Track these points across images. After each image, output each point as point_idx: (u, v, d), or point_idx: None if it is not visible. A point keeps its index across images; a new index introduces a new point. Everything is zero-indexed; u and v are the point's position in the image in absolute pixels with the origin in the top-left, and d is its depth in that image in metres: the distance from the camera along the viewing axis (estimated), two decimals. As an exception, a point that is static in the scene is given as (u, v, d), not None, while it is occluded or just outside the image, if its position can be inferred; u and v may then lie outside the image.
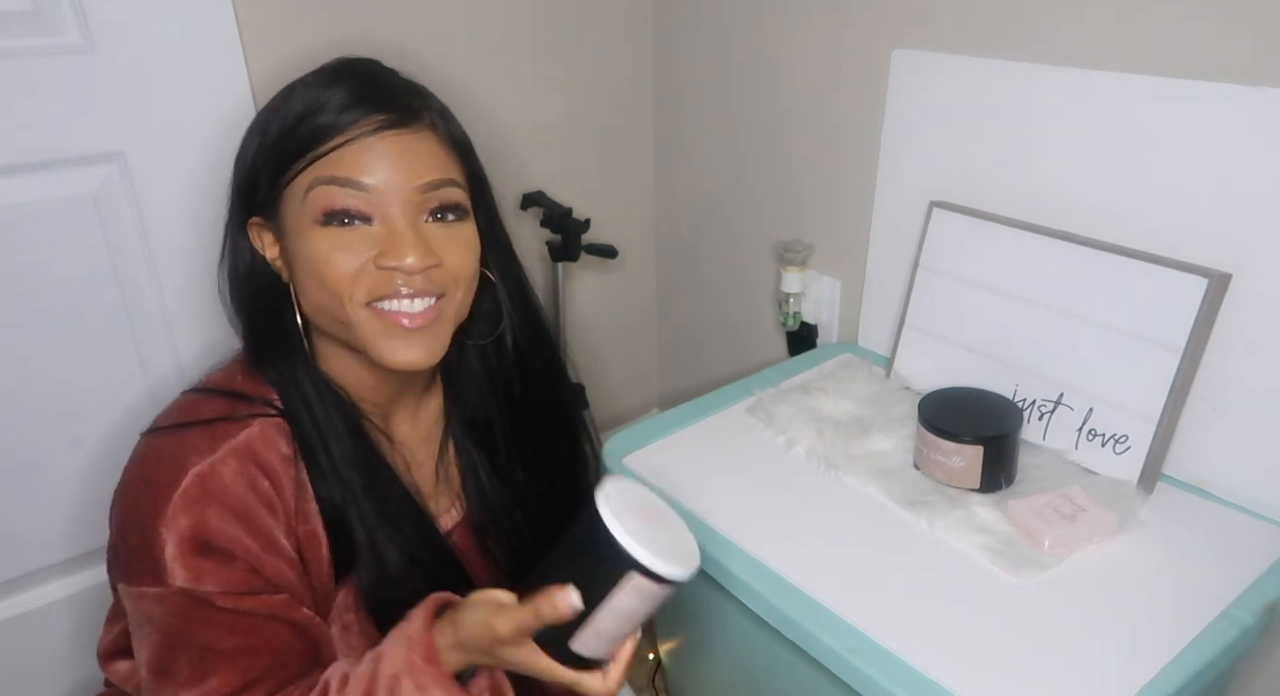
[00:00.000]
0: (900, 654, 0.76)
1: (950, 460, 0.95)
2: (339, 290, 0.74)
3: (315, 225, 0.73)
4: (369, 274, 0.74)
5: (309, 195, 0.73)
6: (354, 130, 0.73)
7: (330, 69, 0.78)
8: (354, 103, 0.74)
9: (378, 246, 0.74)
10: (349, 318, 0.75)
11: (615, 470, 1.05)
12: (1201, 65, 0.90)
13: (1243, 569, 0.85)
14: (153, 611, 0.71)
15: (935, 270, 1.15)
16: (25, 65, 1.05)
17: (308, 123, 0.74)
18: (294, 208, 0.75)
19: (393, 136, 0.74)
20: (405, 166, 0.74)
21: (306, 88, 0.76)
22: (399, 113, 0.75)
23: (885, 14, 1.21)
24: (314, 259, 0.74)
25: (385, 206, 0.74)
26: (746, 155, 1.56)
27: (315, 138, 0.73)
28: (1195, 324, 0.90)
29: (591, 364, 1.92)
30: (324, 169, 0.73)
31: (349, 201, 0.73)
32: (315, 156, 0.73)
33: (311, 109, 0.74)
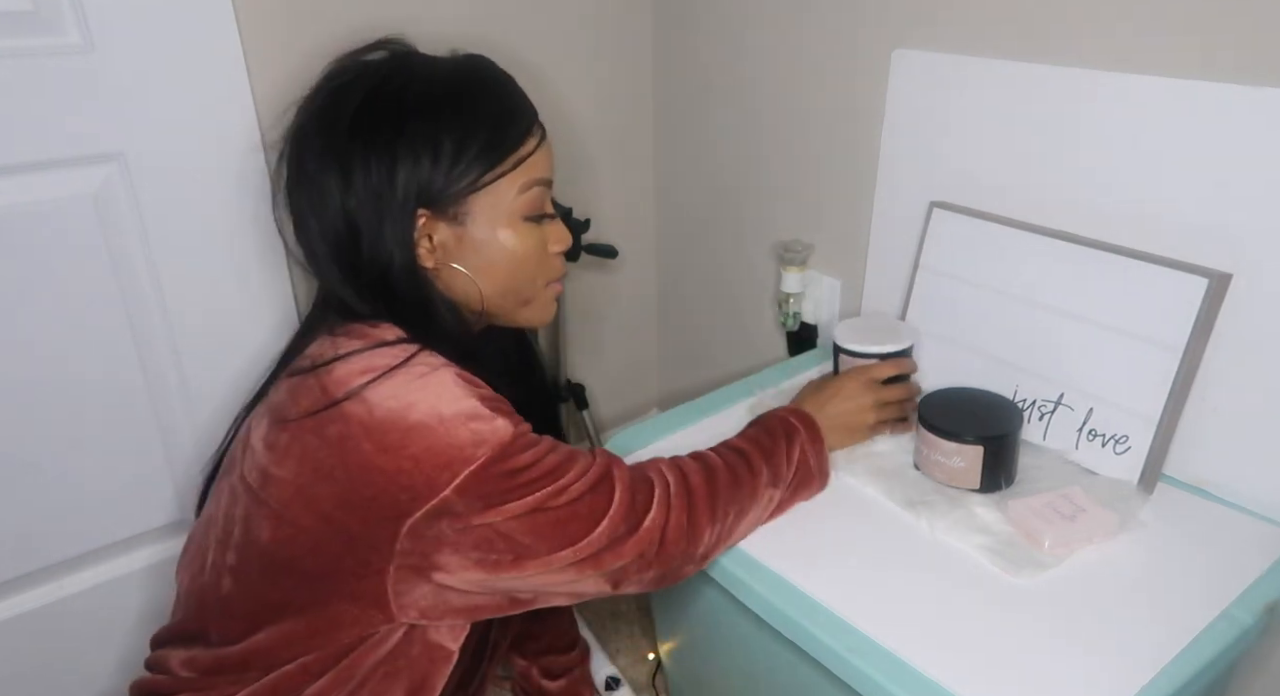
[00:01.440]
0: (900, 654, 0.76)
1: (950, 460, 0.95)
2: (537, 275, 0.88)
3: (522, 221, 0.85)
4: (550, 259, 0.89)
5: (523, 196, 0.84)
6: (538, 135, 0.86)
7: (487, 72, 0.88)
8: (529, 110, 0.86)
9: (547, 232, 0.89)
10: (533, 295, 0.89)
11: (615, 470, 1.05)
12: (1201, 65, 0.90)
13: (1243, 569, 0.85)
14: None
15: (935, 270, 1.15)
16: (25, 65, 1.05)
17: (512, 128, 0.83)
18: (496, 203, 0.83)
19: (547, 137, 0.88)
20: (552, 159, 0.89)
21: (485, 93, 0.84)
22: (537, 115, 0.88)
23: (885, 14, 1.21)
24: (521, 249, 0.85)
25: (549, 201, 0.89)
26: (746, 155, 1.56)
27: (520, 141, 0.84)
28: (1195, 324, 0.90)
29: (591, 364, 1.92)
30: (534, 171, 0.85)
31: (549, 200, 0.88)
32: (521, 158, 0.83)
33: (508, 115, 0.84)
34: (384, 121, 0.81)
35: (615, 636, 1.66)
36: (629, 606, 1.72)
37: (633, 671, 1.58)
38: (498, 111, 0.83)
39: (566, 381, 1.70)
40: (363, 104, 0.82)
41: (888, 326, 1.08)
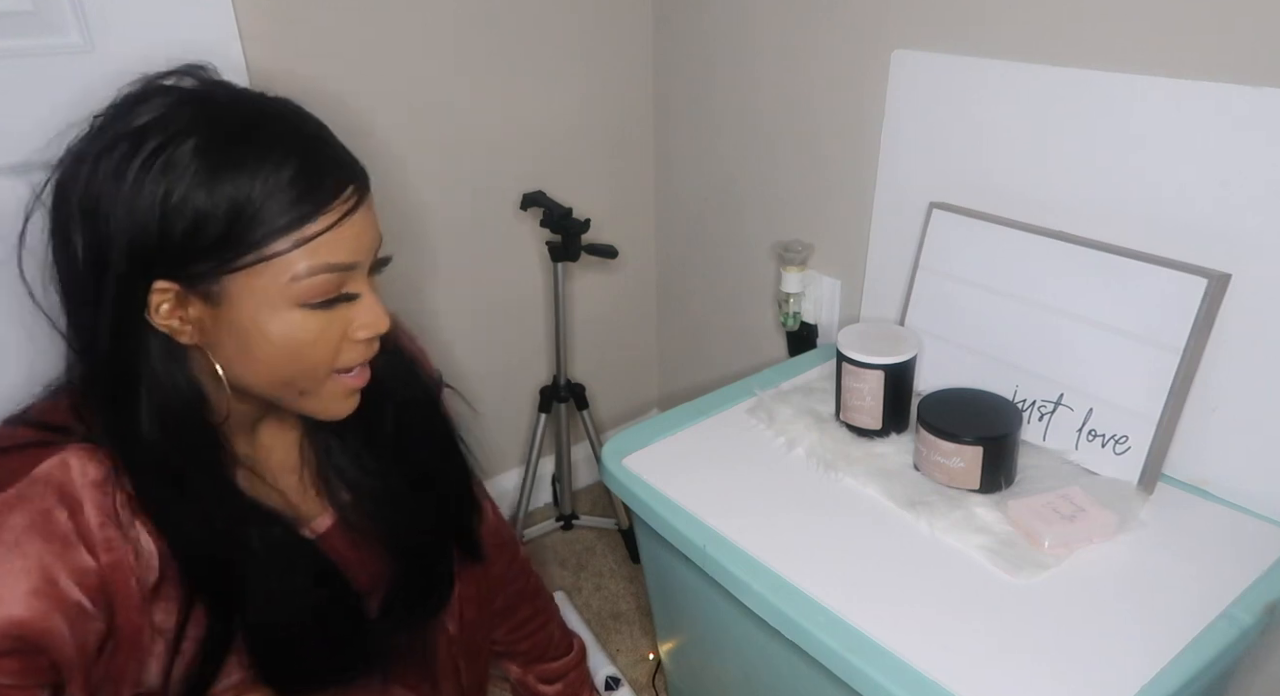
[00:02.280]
0: (900, 654, 0.76)
1: (950, 461, 0.95)
2: (318, 365, 0.71)
3: (299, 308, 0.68)
4: (346, 347, 0.73)
5: (302, 283, 0.67)
6: (339, 206, 0.68)
7: (270, 129, 0.67)
8: (329, 173, 0.68)
9: (350, 318, 0.72)
10: (313, 387, 0.73)
11: (615, 470, 1.05)
12: (1201, 65, 0.90)
13: (1243, 569, 0.85)
14: None
15: (935, 271, 1.15)
16: (25, 65, 1.05)
17: (293, 203, 0.65)
18: (261, 286, 0.67)
19: (365, 206, 0.70)
20: (372, 235, 0.72)
21: (257, 156, 0.65)
22: (360, 178, 0.71)
23: (885, 14, 1.21)
24: (294, 339, 0.69)
25: (357, 278, 0.71)
26: (746, 155, 1.56)
27: (303, 219, 0.66)
28: (1195, 324, 0.91)
29: (591, 364, 1.92)
30: (319, 255, 0.67)
31: (344, 285, 0.70)
32: (303, 239, 0.66)
33: (287, 184, 0.65)
34: (138, 172, 0.64)
35: (615, 636, 1.66)
36: (629, 606, 1.73)
37: (633, 671, 1.58)
38: (278, 181, 0.65)
39: (566, 381, 1.70)
40: (130, 146, 0.65)
41: (891, 335, 1.08)
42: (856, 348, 1.05)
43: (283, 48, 1.32)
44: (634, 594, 1.77)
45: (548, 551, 1.89)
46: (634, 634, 1.67)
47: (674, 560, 1.03)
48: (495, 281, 1.72)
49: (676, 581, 1.10)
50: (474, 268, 1.68)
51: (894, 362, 1.03)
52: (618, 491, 1.05)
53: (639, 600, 1.74)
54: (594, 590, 1.78)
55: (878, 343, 1.06)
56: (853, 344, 1.06)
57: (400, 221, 1.56)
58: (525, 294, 1.77)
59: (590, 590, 1.78)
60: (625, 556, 1.86)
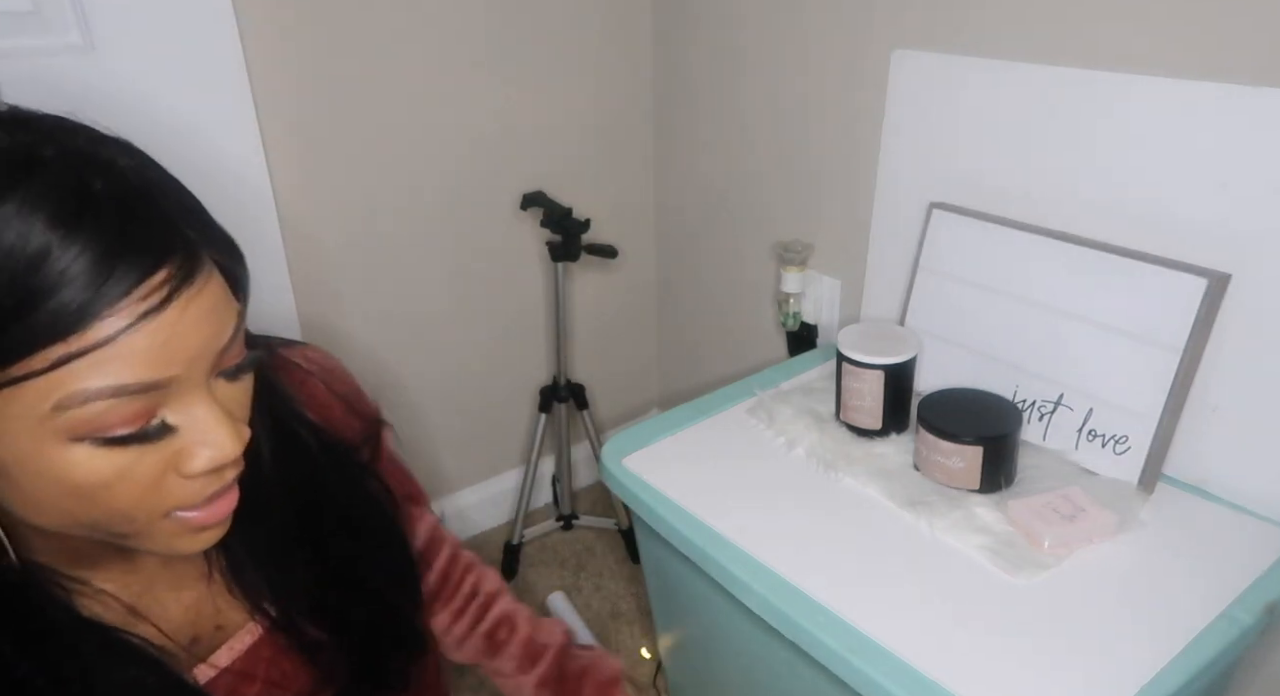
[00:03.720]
0: (900, 654, 0.76)
1: (950, 461, 0.95)
2: (131, 510, 0.49)
3: (72, 442, 0.46)
4: (170, 486, 0.50)
5: (70, 414, 0.44)
6: (130, 305, 0.44)
7: (34, 179, 0.43)
8: (120, 258, 0.43)
9: (175, 445, 0.49)
10: (136, 531, 0.51)
11: (615, 471, 1.05)
12: (1201, 65, 0.90)
13: (1243, 569, 0.85)
14: None
15: (935, 271, 1.15)
16: (25, 65, 1.05)
17: (43, 303, 0.42)
18: (12, 415, 0.44)
19: (183, 299, 0.46)
20: (201, 334, 0.48)
21: (13, 229, 0.42)
22: (181, 258, 0.46)
23: (885, 14, 1.21)
24: (80, 483, 0.47)
25: (183, 394, 0.48)
26: (746, 155, 1.56)
27: (64, 327, 0.42)
28: (1195, 324, 0.91)
29: (591, 364, 1.92)
30: (99, 373, 0.44)
31: (155, 410, 0.47)
32: (69, 354, 0.43)
33: (39, 276, 0.42)
34: None
35: (615, 636, 1.66)
36: (629, 606, 1.73)
37: (633, 671, 1.58)
38: (25, 258, 0.42)
39: (566, 381, 1.70)
40: None
41: (891, 335, 1.08)
42: (856, 348, 1.05)
43: (283, 48, 1.32)
44: (634, 594, 1.77)
45: (548, 551, 1.89)
46: (634, 634, 1.67)
47: (674, 560, 1.03)
48: (495, 281, 1.72)
49: (676, 581, 1.10)
50: (474, 268, 1.68)
51: (894, 362, 1.03)
52: (618, 491, 1.05)
53: (639, 600, 1.74)
54: (594, 590, 1.78)
55: (878, 342, 1.06)
56: (853, 344, 1.06)
57: (400, 222, 1.56)
58: (525, 294, 1.77)
59: (590, 590, 1.78)
60: (625, 556, 1.86)
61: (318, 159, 1.43)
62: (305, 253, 1.46)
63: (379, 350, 1.63)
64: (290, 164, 1.39)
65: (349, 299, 1.56)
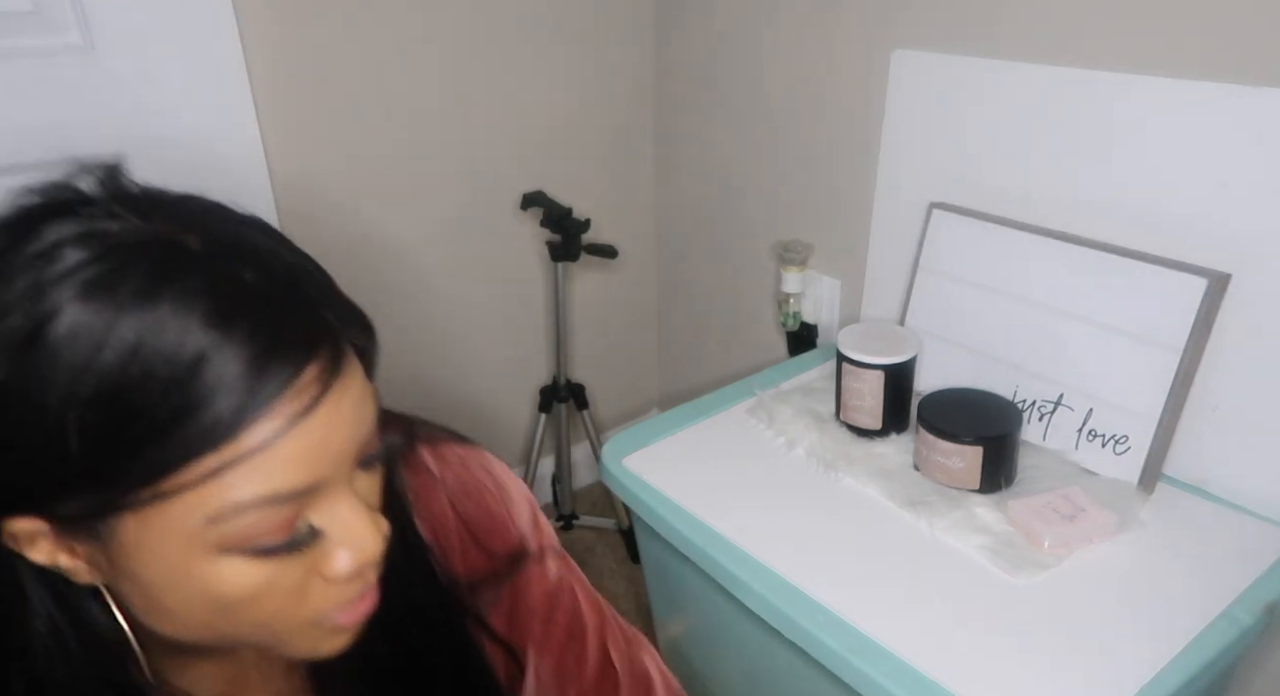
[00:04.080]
0: (900, 654, 0.76)
1: (950, 461, 0.95)
2: (274, 620, 0.48)
3: (222, 554, 0.44)
4: (314, 591, 0.48)
5: (223, 526, 0.42)
6: (283, 406, 0.42)
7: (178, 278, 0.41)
8: (273, 356, 0.41)
9: (320, 548, 0.47)
10: (276, 639, 0.50)
11: (615, 471, 1.05)
12: (1201, 65, 0.90)
13: (1243, 569, 0.85)
14: None
15: (935, 271, 1.15)
16: (25, 65, 1.05)
17: (200, 412, 0.40)
18: (161, 530, 0.43)
19: (333, 394, 0.44)
20: (349, 429, 0.46)
21: (152, 333, 0.39)
22: (329, 350, 0.44)
23: (885, 14, 1.21)
24: (226, 596, 0.45)
25: (328, 493, 0.46)
26: (746, 155, 1.56)
27: (219, 436, 0.41)
28: (1195, 324, 0.91)
29: (591, 364, 1.92)
30: (252, 483, 0.42)
31: (289, 520, 0.45)
32: (222, 464, 0.41)
33: (197, 383, 0.40)
34: None
35: (615, 636, 1.66)
36: (629, 606, 1.73)
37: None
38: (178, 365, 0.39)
39: (566, 381, 1.70)
40: None
41: (891, 335, 1.08)
42: (856, 348, 1.05)
43: (283, 48, 1.32)
44: (634, 594, 1.77)
45: (548, 551, 1.89)
46: (634, 634, 1.67)
47: (674, 560, 1.03)
48: (495, 281, 1.72)
49: (676, 581, 1.10)
50: (474, 267, 1.68)
51: (894, 362, 1.03)
52: (618, 491, 1.05)
53: (639, 600, 1.74)
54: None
55: (878, 342, 1.06)
56: (853, 344, 1.06)
57: (400, 222, 1.56)
58: (525, 294, 1.77)
59: (590, 590, 1.78)
60: (625, 556, 1.86)
61: (317, 158, 1.43)
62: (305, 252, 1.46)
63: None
64: (290, 163, 1.39)
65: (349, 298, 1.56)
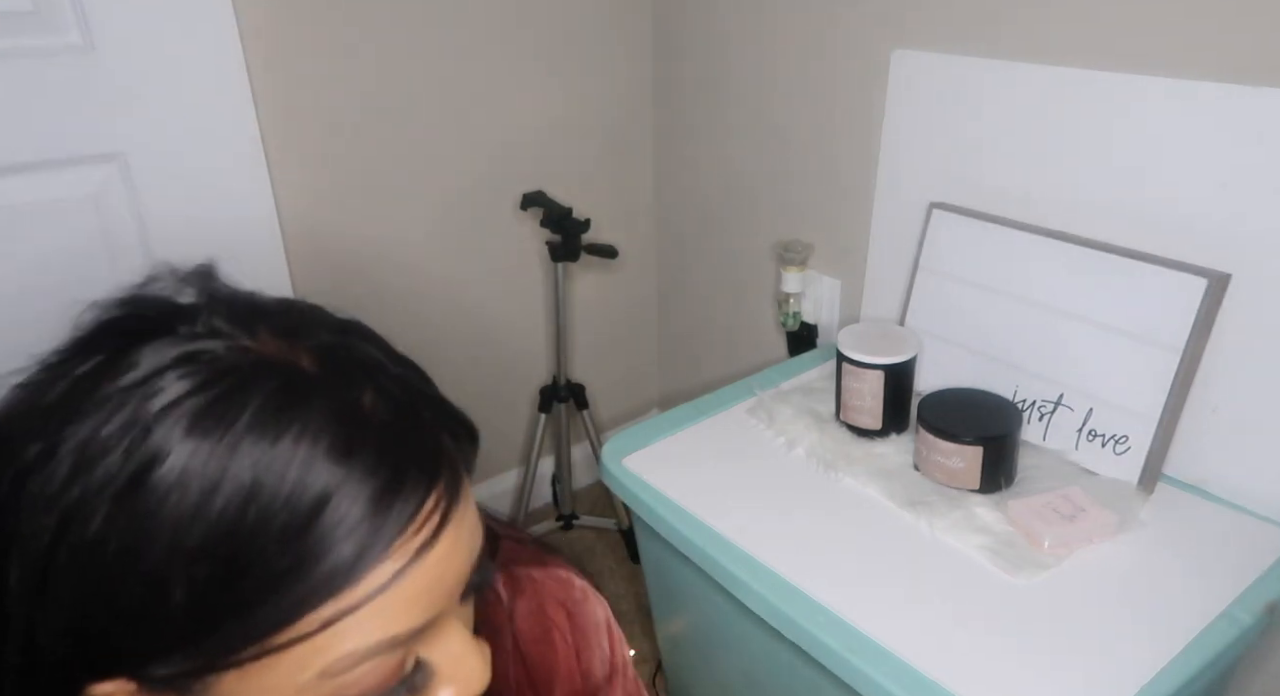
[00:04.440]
0: (900, 654, 0.76)
1: (950, 461, 0.95)
2: None
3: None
4: None
5: (340, 678, 0.38)
6: (414, 534, 0.38)
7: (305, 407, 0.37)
8: (404, 474, 0.37)
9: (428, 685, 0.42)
10: None
11: (615, 470, 1.05)
12: (1201, 65, 0.90)
13: (1243, 569, 0.85)
14: None
15: (935, 271, 1.15)
16: (25, 65, 1.05)
17: (323, 558, 0.35)
18: (269, 686, 0.38)
19: (452, 525, 0.40)
20: (465, 559, 0.41)
21: (272, 473, 0.35)
22: (448, 476, 0.40)
23: (885, 14, 1.21)
24: None
25: (437, 627, 0.42)
26: (746, 155, 1.56)
27: (339, 583, 0.36)
28: (1195, 324, 0.91)
29: (591, 364, 1.92)
30: (371, 628, 0.37)
31: (401, 662, 0.40)
32: (341, 611, 0.36)
33: (320, 526, 0.35)
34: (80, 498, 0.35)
35: (615, 636, 1.66)
36: (629, 606, 1.73)
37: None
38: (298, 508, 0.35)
39: (566, 381, 1.70)
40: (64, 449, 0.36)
41: (891, 335, 1.08)
42: (856, 347, 1.05)
43: (283, 47, 1.32)
44: (634, 594, 1.77)
45: (548, 551, 1.89)
46: (634, 634, 1.67)
47: (674, 560, 1.03)
48: (495, 281, 1.72)
49: (676, 581, 1.10)
50: (474, 268, 1.68)
51: (894, 362, 1.03)
52: (618, 491, 1.05)
53: (639, 600, 1.74)
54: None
55: (878, 342, 1.06)
56: (853, 344, 1.06)
57: (400, 221, 1.56)
58: (525, 294, 1.77)
59: (590, 590, 1.78)
60: (625, 556, 1.86)
61: (318, 159, 1.43)
62: (305, 253, 1.46)
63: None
64: (290, 164, 1.39)
65: (349, 298, 1.55)
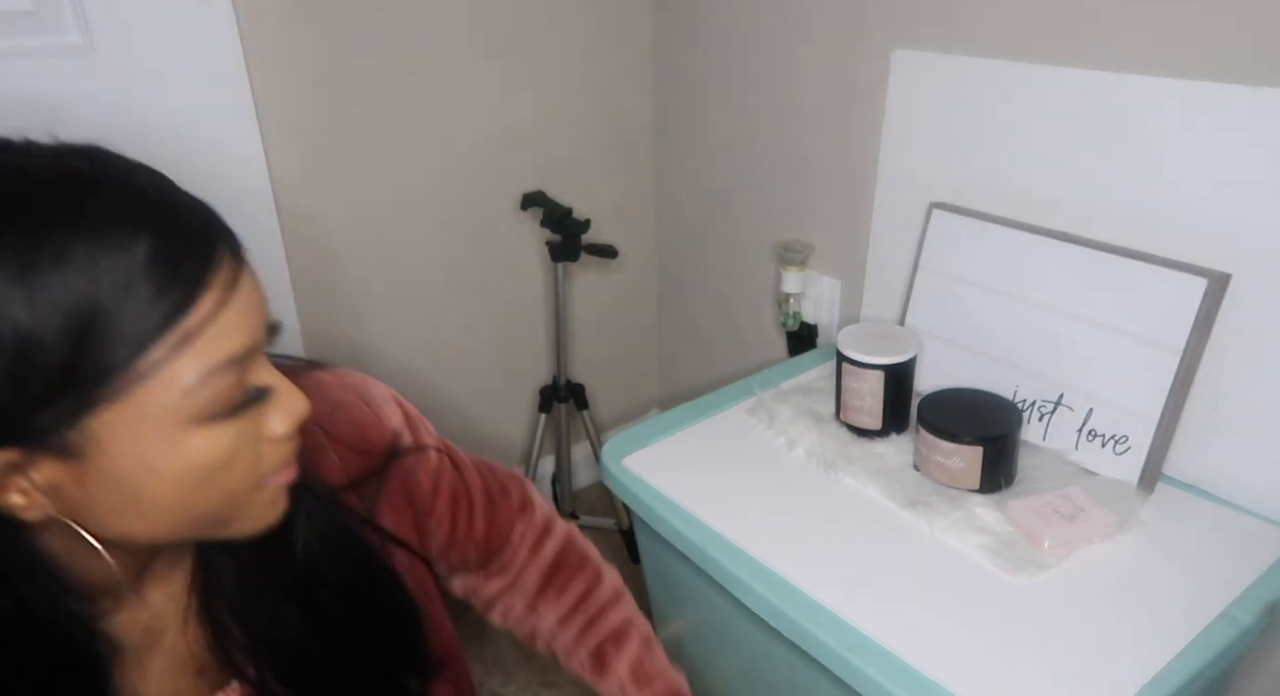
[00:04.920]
0: (900, 654, 0.76)
1: (950, 461, 0.95)
2: (239, 485, 0.53)
3: (196, 425, 0.49)
4: (263, 454, 0.54)
5: (199, 395, 0.48)
6: (221, 278, 0.49)
7: (101, 196, 0.47)
8: (198, 239, 0.49)
9: (264, 411, 0.54)
10: (236, 510, 0.55)
11: (615, 471, 1.05)
12: (1201, 65, 0.90)
13: (1243, 569, 0.85)
14: None
15: (935, 271, 1.15)
16: (25, 65, 1.05)
17: (160, 291, 0.46)
18: (142, 417, 0.47)
19: (246, 272, 0.52)
20: (261, 303, 0.53)
21: (91, 237, 0.45)
22: (229, 234, 0.52)
23: (885, 14, 1.21)
24: (204, 467, 0.50)
25: (256, 363, 0.53)
26: (746, 155, 1.56)
27: (179, 309, 0.47)
28: (1195, 324, 0.91)
29: (591, 364, 1.92)
30: (211, 350, 0.48)
31: (246, 378, 0.52)
32: (186, 336, 0.47)
33: (144, 267, 0.45)
34: None
35: (615, 636, 1.65)
36: (629, 606, 1.72)
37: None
38: (131, 265, 0.45)
39: (566, 381, 1.70)
40: None
41: (891, 335, 1.08)
42: (856, 347, 1.05)
43: (283, 47, 1.32)
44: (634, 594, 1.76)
45: (548, 551, 1.89)
46: (634, 634, 1.66)
47: (674, 560, 1.03)
48: (495, 281, 1.72)
49: (676, 581, 1.10)
50: (474, 268, 1.68)
51: (894, 363, 1.03)
52: (618, 491, 1.05)
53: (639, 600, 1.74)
54: (594, 590, 1.78)
55: (878, 342, 1.06)
56: (853, 344, 1.06)
57: (400, 221, 1.56)
58: (525, 294, 1.77)
59: (590, 590, 1.78)
60: (625, 556, 1.86)
61: (318, 159, 1.43)
62: (305, 253, 1.46)
63: (378, 349, 1.63)
64: (290, 164, 1.39)
65: (349, 298, 1.56)
